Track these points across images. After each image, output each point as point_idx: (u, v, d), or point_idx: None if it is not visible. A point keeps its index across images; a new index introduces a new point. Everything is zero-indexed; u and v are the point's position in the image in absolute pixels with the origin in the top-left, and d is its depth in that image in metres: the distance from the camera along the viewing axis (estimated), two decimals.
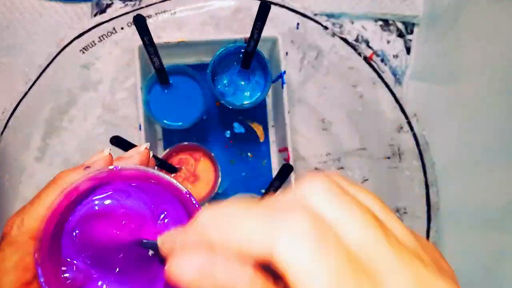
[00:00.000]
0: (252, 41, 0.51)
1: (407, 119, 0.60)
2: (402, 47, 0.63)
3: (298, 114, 0.60)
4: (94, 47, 0.59)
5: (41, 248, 0.29)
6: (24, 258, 0.29)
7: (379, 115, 0.60)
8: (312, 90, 0.60)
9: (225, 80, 0.57)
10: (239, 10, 0.60)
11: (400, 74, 0.62)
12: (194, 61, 0.59)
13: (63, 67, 0.59)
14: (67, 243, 0.32)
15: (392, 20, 0.63)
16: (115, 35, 0.59)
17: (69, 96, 0.59)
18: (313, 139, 0.60)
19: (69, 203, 0.30)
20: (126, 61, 0.59)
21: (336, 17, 0.62)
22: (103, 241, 0.31)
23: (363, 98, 0.60)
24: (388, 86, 0.60)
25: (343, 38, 0.60)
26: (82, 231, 0.31)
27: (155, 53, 0.51)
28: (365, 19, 0.62)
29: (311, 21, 0.60)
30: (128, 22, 0.59)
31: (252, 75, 0.57)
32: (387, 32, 0.62)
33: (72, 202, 0.30)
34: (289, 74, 0.60)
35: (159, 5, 0.59)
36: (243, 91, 0.57)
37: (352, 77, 0.60)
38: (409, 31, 0.63)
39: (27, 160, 0.58)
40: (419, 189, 0.59)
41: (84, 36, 0.59)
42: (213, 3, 0.60)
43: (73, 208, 0.31)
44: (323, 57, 0.60)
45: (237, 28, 0.60)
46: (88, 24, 0.59)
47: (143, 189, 0.32)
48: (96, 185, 0.31)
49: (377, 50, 0.62)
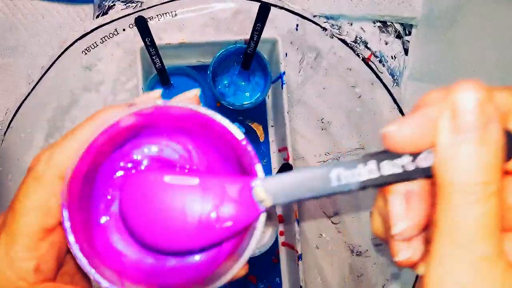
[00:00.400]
0: (252, 43, 0.51)
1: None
2: (400, 48, 0.63)
3: (298, 114, 0.60)
4: (96, 49, 0.60)
5: (70, 189, 0.24)
6: (49, 199, 0.24)
7: (378, 116, 0.61)
8: (311, 91, 0.61)
9: (226, 81, 0.57)
10: (239, 12, 0.61)
11: (398, 75, 0.63)
12: (194, 62, 0.59)
13: (65, 68, 0.59)
14: (101, 188, 0.27)
15: (391, 22, 0.63)
16: (117, 36, 0.60)
17: (71, 97, 0.59)
18: (312, 139, 0.60)
19: (108, 141, 0.25)
20: (128, 62, 0.60)
21: (335, 19, 0.62)
22: (148, 191, 0.25)
23: (361, 98, 0.61)
24: (386, 87, 0.61)
25: (341, 40, 0.61)
26: (124, 176, 0.27)
27: (157, 54, 0.52)
28: (363, 21, 0.63)
29: (310, 23, 0.61)
30: (130, 24, 0.60)
31: (252, 76, 0.57)
32: (385, 34, 0.63)
33: (112, 140, 0.25)
34: (289, 75, 0.60)
35: (160, 7, 0.60)
36: (243, 92, 0.57)
37: (350, 78, 0.61)
38: (407, 32, 0.63)
39: (30, 160, 0.58)
40: None
41: (86, 37, 0.60)
42: (214, 5, 0.61)
43: (112, 148, 0.26)
44: (322, 58, 0.61)
45: (237, 29, 0.61)
46: (90, 25, 0.60)
47: (192, 135, 0.28)
48: (140, 125, 0.26)
49: (376, 51, 0.63)
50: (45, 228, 0.24)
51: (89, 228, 0.26)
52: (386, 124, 0.21)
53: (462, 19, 0.64)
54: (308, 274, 0.58)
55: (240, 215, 0.24)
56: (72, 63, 0.59)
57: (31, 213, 0.24)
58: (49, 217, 0.24)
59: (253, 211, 0.24)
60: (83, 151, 0.24)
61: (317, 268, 0.59)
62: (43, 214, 0.24)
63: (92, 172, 0.26)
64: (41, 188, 0.24)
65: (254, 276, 0.58)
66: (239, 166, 0.28)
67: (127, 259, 0.27)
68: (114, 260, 0.27)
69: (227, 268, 0.25)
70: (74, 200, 0.24)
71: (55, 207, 0.24)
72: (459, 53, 0.64)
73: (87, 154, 0.24)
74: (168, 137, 0.28)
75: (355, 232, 0.59)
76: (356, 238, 0.59)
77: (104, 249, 0.27)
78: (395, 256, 0.24)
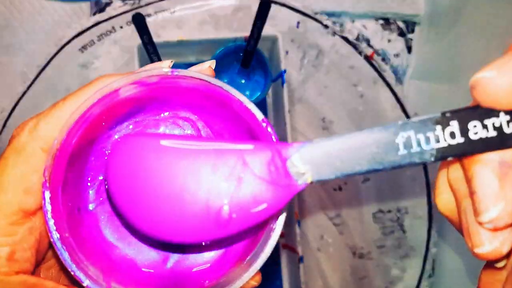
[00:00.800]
0: (252, 40, 0.51)
1: (408, 118, 0.60)
2: (403, 46, 0.62)
3: (298, 113, 0.60)
4: (93, 46, 0.59)
5: (55, 166, 0.20)
6: (30, 175, 0.21)
7: (380, 114, 0.60)
8: (312, 89, 0.60)
9: (225, 79, 0.57)
10: (239, 9, 0.60)
11: (401, 73, 0.62)
12: (193, 60, 0.59)
13: (62, 67, 0.59)
14: (93, 169, 0.23)
15: (393, 19, 0.62)
16: (114, 34, 0.59)
17: None
18: (314, 138, 0.59)
19: (104, 113, 0.21)
20: (125, 60, 0.59)
21: (337, 16, 0.62)
22: (142, 159, 0.19)
23: (363, 97, 0.60)
24: (389, 85, 0.60)
25: (343, 37, 0.60)
26: (119, 155, 0.21)
27: (155, 52, 0.51)
28: (366, 18, 0.62)
29: (311, 20, 0.60)
30: (128, 21, 0.59)
31: (252, 74, 0.57)
32: (388, 31, 0.62)
33: (109, 113, 0.21)
34: (289, 73, 0.60)
35: (158, 4, 0.59)
36: (243, 90, 0.56)
37: (352, 76, 0.60)
38: (410, 30, 0.63)
39: None
40: (420, 189, 0.59)
41: (83, 35, 0.59)
42: (213, 2, 0.60)
43: (109, 123, 0.22)
44: (324, 56, 0.60)
45: (237, 27, 0.60)
46: (87, 23, 0.59)
47: (203, 112, 0.23)
48: (144, 97, 0.22)
49: (378, 49, 0.62)
50: (24, 210, 0.21)
51: (75, 215, 0.22)
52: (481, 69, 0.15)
53: (466, 16, 0.63)
54: (309, 277, 0.57)
55: (268, 195, 0.18)
56: (69, 61, 0.59)
57: (8, 189, 0.20)
58: (29, 196, 0.21)
59: (287, 190, 0.18)
60: (74, 121, 0.19)
61: (319, 270, 0.58)
62: (22, 192, 0.20)
63: (83, 149, 0.22)
64: (21, 162, 0.20)
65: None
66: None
67: (118, 256, 0.23)
68: (103, 255, 0.23)
69: (235, 276, 0.20)
70: (59, 179, 0.20)
71: (37, 186, 0.20)
72: (463, 50, 0.63)
73: (78, 126, 0.20)
74: (175, 113, 0.24)
75: (357, 233, 0.59)
76: (358, 239, 0.59)
77: (92, 241, 0.23)
78: (477, 247, 0.18)
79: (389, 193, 0.59)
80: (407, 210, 0.59)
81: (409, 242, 0.59)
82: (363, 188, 0.59)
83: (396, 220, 0.59)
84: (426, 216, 0.59)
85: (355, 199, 0.59)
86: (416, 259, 0.59)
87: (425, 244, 0.59)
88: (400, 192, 0.59)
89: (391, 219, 0.59)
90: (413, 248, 0.59)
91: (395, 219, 0.59)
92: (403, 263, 0.58)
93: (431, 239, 0.59)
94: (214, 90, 0.20)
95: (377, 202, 0.59)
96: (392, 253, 0.58)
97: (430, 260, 0.59)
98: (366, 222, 0.59)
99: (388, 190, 0.59)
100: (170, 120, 0.24)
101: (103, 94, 0.20)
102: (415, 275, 0.58)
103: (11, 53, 0.61)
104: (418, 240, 0.59)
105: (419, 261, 0.59)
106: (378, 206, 0.59)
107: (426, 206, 0.59)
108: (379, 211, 0.59)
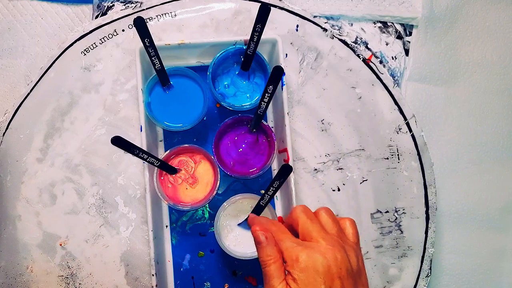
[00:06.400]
0: (252, 43, 0.51)
1: (406, 120, 0.60)
2: (400, 48, 0.63)
3: (298, 115, 0.60)
4: (95, 49, 0.60)
5: (216, 153, 0.54)
6: None
7: (378, 116, 0.60)
8: (311, 92, 0.60)
9: (225, 82, 0.57)
10: (239, 13, 0.60)
11: (398, 75, 0.63)
12: (194, 63, 0.59)
13: (65, 69, 0.59)
14: (223, 150, 0.56)
15: (391, 22, 0.63)
16: (116, 37, 0.60)
17: (70, 98, 0.59)
18: (313, 140, 0.60)
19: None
20: (127, 63, 0.60)
21: (335, 19, 0.62)
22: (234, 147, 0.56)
23: (362, 99, 0.60)
24: (386, 88, 0.61)
25: (342, 40, 0.61)
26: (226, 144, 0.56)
27: (156, 55, 0.52)
28: (364, 21, 0.63)
29: (310, 23, 0.61)
30: (129, 24, 0.60)
31: (252, 76, 0.57)
32: (385, 34, 0.63)
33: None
34: (289, 76, 0.60)
35: (160, 7, 0.60)
36: (243, 93, 0.57)
37: (351, 78, 0.61)
38: (407, 33, 0.63)
39: (29, 161, 0.58)
40: (418, 190, 0.60)
41: (85, 38, 0.60)
42: (214, 6, 0.60)
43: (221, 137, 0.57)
44: (322, 59, 0.61)
45: (237, 30, 0.60)
46: (89, 26, 0.60)
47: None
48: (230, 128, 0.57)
49: (376, 51, 0.62)
50: None
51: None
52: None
53: (462, 20, 0.64)
54: None
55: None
56: (71, 64, 0.59)
57: None
58: None
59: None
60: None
61: None
62: None
63: (219, 146, 0.57)
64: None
65: (254, 278, 0.58)
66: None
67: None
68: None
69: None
70: (217, 155, 0.56)
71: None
72: (459, 53, 0.64)
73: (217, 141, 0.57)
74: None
75: None
76: None
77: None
78: None
79: (386, 193, 0.60)
80: (405, 210, 0.59)
81: (407, 242, 0.59)
82: (361, 189, 0.60)
83: (394, 220, 0.59)
84: (424, 216, 0.59)
85: (353, 200, 0.60)
86: (414, 258, 0.59)
87: (423, 244, 0.59)
88: (397, 193, 0.60)
89: (389, 220, 0.59)
90: (411, 248, 0.59)
91: (393, 219, 0.59)
92: (401, 262, 0.59)
93: (428, 239, 0.59)
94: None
95: (375, 202, 0.59)
96: (390, 253, 0.59)
97: (428, 260, 0.59)
98: (364, 223, 0.59)
99: (385, 191, 0.60)
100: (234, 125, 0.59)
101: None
102: (413, 274, 0.59)
103: (14, 55, 0.62)
104: (415, 240, 0.59)
105: (416, 260, 0.59)
106: (376, 206, 0.59)
107: (423, 207, 0.60)
108: (377, 212, 0.59)
